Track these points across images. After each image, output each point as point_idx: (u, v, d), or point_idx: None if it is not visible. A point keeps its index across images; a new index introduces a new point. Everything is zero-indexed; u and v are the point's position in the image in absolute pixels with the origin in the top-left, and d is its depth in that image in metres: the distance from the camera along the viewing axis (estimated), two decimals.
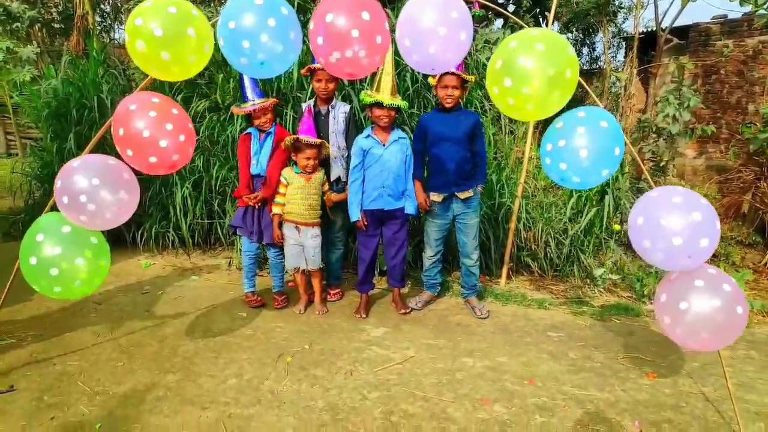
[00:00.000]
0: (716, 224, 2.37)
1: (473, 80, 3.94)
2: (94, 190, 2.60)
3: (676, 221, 2.34)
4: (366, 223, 3.87)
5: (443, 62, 2.60)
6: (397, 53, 5.02)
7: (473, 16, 3.06)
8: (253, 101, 3.83)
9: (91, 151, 2.87)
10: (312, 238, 3.90)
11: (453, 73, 3.74)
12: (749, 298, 4.45)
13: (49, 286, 2.64)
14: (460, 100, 3.94)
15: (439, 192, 3.95)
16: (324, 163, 3.98)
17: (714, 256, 5.72)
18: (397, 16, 5.01)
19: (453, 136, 3.85)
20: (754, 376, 3.23)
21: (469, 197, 3.94)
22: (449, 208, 4.00)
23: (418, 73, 5.03)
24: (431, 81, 3.93)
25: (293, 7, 2.55)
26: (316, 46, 2.44)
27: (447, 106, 3.84)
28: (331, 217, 4.07)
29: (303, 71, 3.99)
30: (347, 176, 3.97)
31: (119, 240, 5.28)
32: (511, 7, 11.14)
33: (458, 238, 4.12)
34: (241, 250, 4.88)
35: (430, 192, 3.98)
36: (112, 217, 2.69)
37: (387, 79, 3.68)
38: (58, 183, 2.62)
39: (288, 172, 3.86)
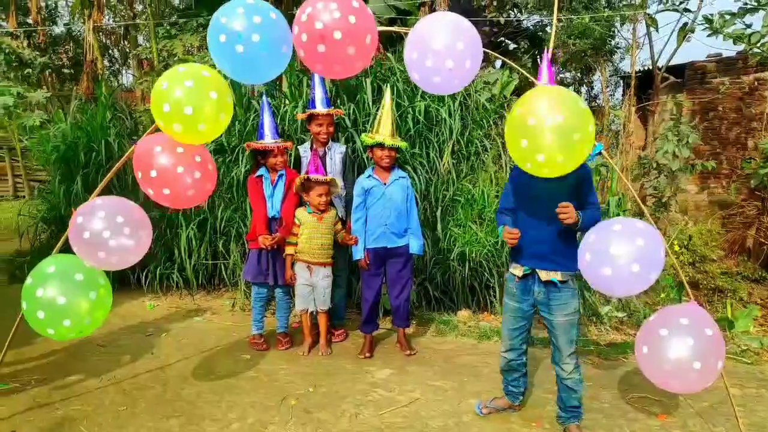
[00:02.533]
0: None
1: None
2: (118, 227, 2.67)
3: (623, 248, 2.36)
4: (369, 262, 3.89)
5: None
6: (398, 95, 5.16)
7: None
8: (275, 141, 3.90)
9: (101, 193, 2.92)
10: (323, 278, 3.92)
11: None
12: (758, 334, 4.40)
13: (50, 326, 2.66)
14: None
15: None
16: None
17: (720, 291, 5.68)
18: (398, 60, 5.14)
19: None
20: (765, 416, 3.18)
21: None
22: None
23: (419, 114, 5.13)
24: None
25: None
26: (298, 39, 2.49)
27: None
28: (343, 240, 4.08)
29: (303, 115, 4.08)
30: (346, 215, 4.02)
31: (124, 281, 5.30)
32: (510, 46, 11.42)
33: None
34: (244, 291, 4.88)
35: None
36: (132, 257, 2.78)
37: (387, 121, 3.78)
38: (78, 219, 2.67)
39: (301, 213, 3.91)
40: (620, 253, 2.36)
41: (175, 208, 2.85)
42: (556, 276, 2.80)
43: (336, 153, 4.09)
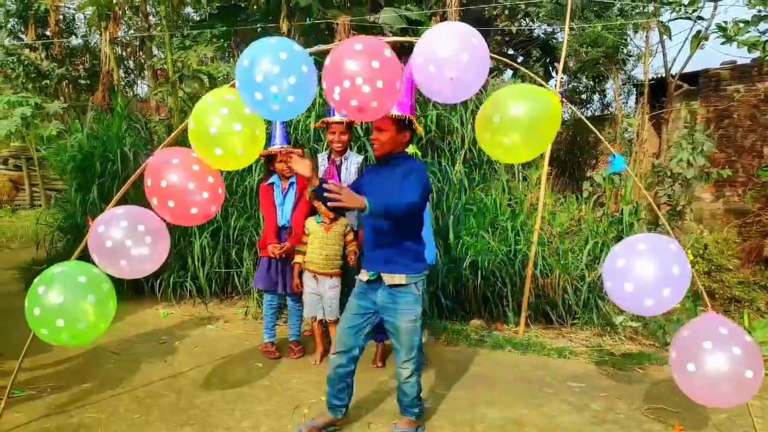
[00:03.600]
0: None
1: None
2: (140, 236, 2.71)
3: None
4: None
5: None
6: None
7: None
8: (281, 145, 3.94)
9: (118, 203, 2.95)
10: (330, 289, 3.91)
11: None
12: None
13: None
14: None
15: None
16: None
17: (737, 301, 5.60)
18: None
19: None
20: None
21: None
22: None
23: (431, 123, 5.15)
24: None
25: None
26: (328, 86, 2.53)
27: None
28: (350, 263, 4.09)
29: (317, 124, 4.10)
30: (359, 226, 4.03)
31: (138, 290, 5.34)
32: (521, 58, 11.42)
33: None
34: (257, 299, 4.90)
35: None
36: (151, 265, 2.83)
37: None
38: (100, 228, 2.70)
39: (310, 222, 3.92)
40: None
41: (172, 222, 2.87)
42: (401, 279, 2.78)
43: (352, 163, 4.09)
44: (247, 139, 2.72)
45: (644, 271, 2.50)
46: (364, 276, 2.90)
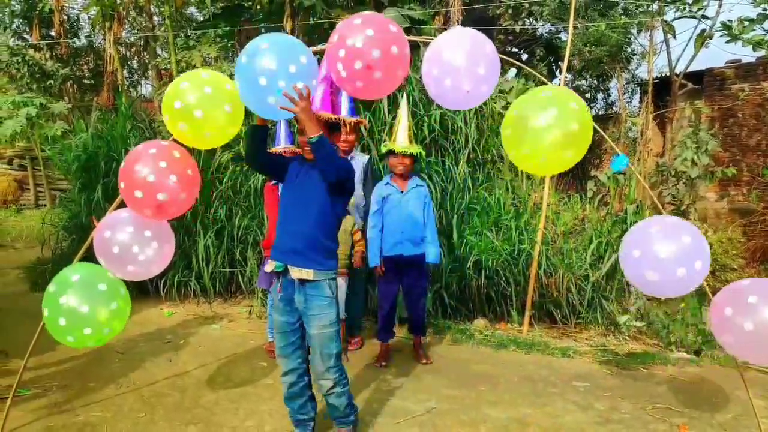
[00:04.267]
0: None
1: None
2: (146, 241, 2.71)
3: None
4: (384, 269, 3.88)
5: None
6: (414, 104, 5.17)
7: None
8: (285, 146, 3.95)
9: (121, 202, 2.96)
10: None
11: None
12: None
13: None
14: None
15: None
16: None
17: None
18: (414, 69, 5.17)
19: None
20: None
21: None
22: None
23: (435, 122, 5.15)
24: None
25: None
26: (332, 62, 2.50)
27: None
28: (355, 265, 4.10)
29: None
30: (364, 226, 4.03)
31: (142, 289, 5.35)
32: (524, 56, 11.40)
33: None
34: (261, 298, 4.91)
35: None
36: (157, 267, 2.84)
37: (402, 129, 3.80)
38: (107, 233, 2.71)
39: None
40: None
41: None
42: (309, 275, 2.57)
43: (358, 163, 4.10)
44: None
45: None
46: (269, 267, 2.69)
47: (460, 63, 2.58)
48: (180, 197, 2.67)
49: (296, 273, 2.58)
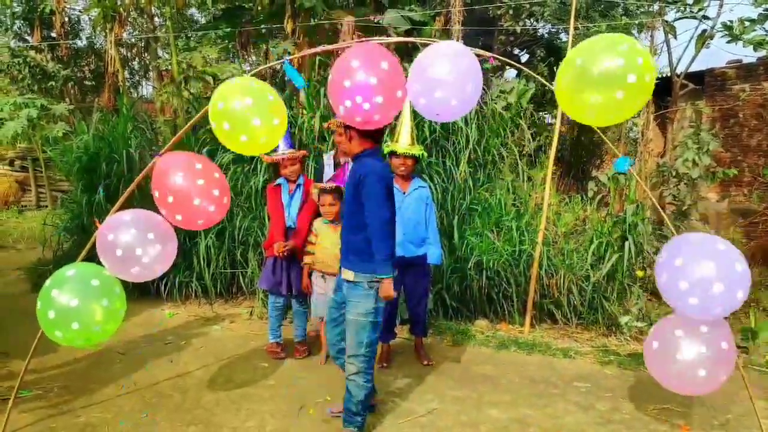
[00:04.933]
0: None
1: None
2: (149, 243, 2.74)
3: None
4: None
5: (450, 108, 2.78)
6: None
7: (485, 69, 3.19)
8: (284, 152, 3.95)
9: (123, 204, 2.96)
10: None
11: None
12: None
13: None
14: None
15: None
16: None
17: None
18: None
19: None
20: None
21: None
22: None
23: (436, 123, 5.15)
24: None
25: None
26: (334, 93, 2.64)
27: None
28: None
29: (326, 125, 4.11)
30: None
31: (144, 290, 5.36)
32: (525, 57, 11.40)
33: None
34: (262, 299, 4.91)
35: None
36: (160, 268, 2.88)
37: (404, 130, 3.80)
38: (109, 236, 2.71)
39: (317, 223, 3.93)
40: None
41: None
42: (349, 276, 2.90)
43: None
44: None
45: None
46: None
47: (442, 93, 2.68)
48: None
49: (343, 274, 2.97)
